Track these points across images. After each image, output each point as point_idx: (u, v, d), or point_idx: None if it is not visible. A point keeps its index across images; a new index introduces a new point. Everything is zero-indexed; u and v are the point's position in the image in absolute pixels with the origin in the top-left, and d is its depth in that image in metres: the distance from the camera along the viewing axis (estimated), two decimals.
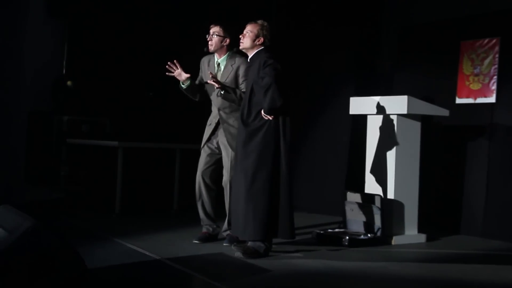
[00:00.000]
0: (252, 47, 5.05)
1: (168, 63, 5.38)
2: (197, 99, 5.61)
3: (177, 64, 5.39)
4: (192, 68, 5.54)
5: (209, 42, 5.39)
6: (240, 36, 5.09)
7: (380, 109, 5.92)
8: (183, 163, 7.39)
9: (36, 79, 8.52)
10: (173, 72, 5.40)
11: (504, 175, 6.23)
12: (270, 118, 4.88)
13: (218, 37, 5.37)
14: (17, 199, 6.95)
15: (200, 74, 5.60)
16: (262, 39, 5.04)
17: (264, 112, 4.88)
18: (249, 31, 5.05)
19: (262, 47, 5.05)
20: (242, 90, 5.30)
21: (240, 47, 5.13)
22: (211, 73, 5.24)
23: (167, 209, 7.45)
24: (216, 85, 5.18)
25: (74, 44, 8.67)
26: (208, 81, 5.24)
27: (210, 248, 5.18)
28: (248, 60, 5.15)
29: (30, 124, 8.51)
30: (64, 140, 7.66)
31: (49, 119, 8.24)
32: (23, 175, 8.47)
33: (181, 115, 8.41)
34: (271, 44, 5.08)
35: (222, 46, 5.40)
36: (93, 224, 6.33)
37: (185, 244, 5.33)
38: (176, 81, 5.50)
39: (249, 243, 4.92)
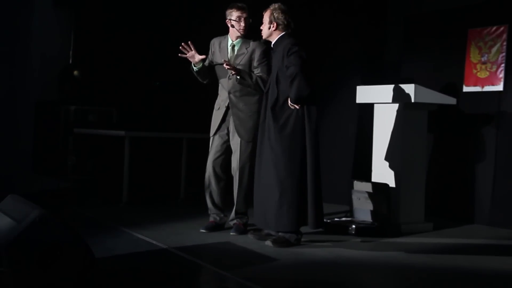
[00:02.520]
0: (270, 34, 5.00)
1: (182, 43, 5.27)
2: (205, 82, 5.53)
3: (191, 46, 5.28)
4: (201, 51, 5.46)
5: (242, 27, 5.27)
6: (261, 27, 5.05)
7: (387, 98, 5.89)
8: (190, 152, 7.39)
9: (43, 69, 8.54)
10: (186, 54, 5.31)
11: None
12: (297, 107, 4.83)
13: (249, 21, 5.30)
14: (25, 188, 6.97)
15: (209, 55, 5.48)
16: (275, 24, 4.96)
17: (291, 101, 4.82)
18: (264, 19, 5.01)
19: (284, 32, 4.97)
20: (258, 74, 5.25)
21: (263, 37, 5.09)
22: (225, 60, 5.18)
23: (174, 198, 7.47)
24: (232, 72, 5.12)
25: (80, 34, 8.67)
26: (225, 66, 5.11)
27: (217, 237, 5.19)
28: (272, 46, 5.08)
29: (37, 114, 8.55)
30: (71, 129, 7.67)
31: (56, 109, 8.25)
32: (30, 164, 8.52)
33: (187, 104, 8.41)
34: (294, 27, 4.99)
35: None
36: (100, 213, 6.35)
37: (192, 233, 5.34)
38: (184, 66, 5.44)
39: (280, 233, 4.92)
